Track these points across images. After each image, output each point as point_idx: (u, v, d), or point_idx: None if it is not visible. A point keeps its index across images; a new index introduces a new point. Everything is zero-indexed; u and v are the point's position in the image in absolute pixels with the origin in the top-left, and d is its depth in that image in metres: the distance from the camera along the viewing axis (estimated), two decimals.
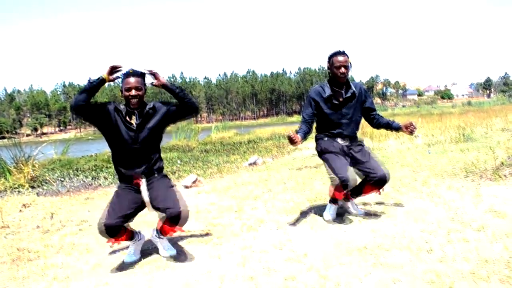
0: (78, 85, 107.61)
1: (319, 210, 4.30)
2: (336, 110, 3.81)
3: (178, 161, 11.36)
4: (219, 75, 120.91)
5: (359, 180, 3.84)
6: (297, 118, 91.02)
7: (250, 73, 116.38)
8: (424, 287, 2.44)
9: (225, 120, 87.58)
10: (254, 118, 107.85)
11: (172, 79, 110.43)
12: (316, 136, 4.00)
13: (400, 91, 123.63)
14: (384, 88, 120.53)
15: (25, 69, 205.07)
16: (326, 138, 3.88)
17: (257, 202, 5.04)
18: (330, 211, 4.00)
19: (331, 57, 3.80)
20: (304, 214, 4.27)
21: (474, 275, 2.51)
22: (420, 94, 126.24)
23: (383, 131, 11.99)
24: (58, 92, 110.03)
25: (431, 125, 13.41)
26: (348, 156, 3.83)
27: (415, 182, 5.19)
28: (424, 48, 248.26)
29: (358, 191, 3.96)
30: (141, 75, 3.27)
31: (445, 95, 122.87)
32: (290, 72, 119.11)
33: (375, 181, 3.75)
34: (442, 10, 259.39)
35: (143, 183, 3.28)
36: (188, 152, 14.48)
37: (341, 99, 3.80)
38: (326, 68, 3.89)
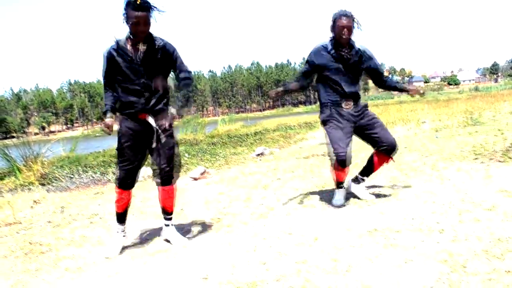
0: (84, 82, 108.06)
1: (328, 195, 4.29)
2: (338, 70, 3.75)
3: (186, 155, 11.36)
4: (224, 68, 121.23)
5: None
6: (302, 108, 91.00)
7: (255, 65, 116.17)
8: (437, 266, 2.42)
9: (231, 112, 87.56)
10: (260, 110, 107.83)
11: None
12: (321, 102, 3.94)
13: (406, 78, 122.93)
14: (390, 76, 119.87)
15: (30, 69, 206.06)
16: (331, 106, 3.83)
17: (266, 191, 5.04)
18: (338, 197, 3.99)
19: (335, 18, 3.69)
20: (313, 200, 4.27)
21: (488, 253, 2.50)
22: (426, 81, 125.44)
23: (389, 118, 12.00)
24: (64, 90, 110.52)
25: (437, 110, 13.32)
26: (354, 124, 3.80)
27: (423, 166, 5.16)
28: (429, 34, 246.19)
29: (369, 168, 3.97)
30: (149, 8, 3.08)
31: (452, 81, 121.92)
32: (295, 63, 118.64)
33: (384, 149, 3.77)
34: None
35: (150, 118, 3.26)
36: (196, 145, 14.46)
37: (343, 58, 3.74)
38: (330, 27, 3.76)
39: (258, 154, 9.24)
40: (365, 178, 4.06)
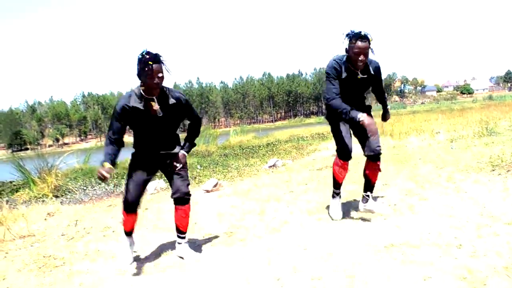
0: (97, 94, 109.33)
1: (342, 209, 4.24)
2: (348, 89, 3.70)
3: (198, 166, 11.38)
4: (235, 79, 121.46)
5: None
6: (314, 119, 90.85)
7: (266, 76, 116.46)
8: (456, 283, 2.37)
9: (243, 123, 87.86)
10: (272, 121, 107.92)
11: (188, 85, 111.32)
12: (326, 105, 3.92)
13: (419, 88, 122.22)
14: (402, 86, 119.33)
15: (45, 81, 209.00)
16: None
17: (279, 203, 5.00)
18: (335, 209, 4.01)
19: (351, 39, 3.53)
20: (327, 213, 4.21)
21: (508, 269, 2.44)
22: (439, 90, 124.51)
23: (403, 128, 11.90)
24: (78, 102, 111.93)
25: (452, 120, 13.19)
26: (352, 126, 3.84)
27: (439, 178, 5.09)
28: (441, 43, 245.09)
29: (367, 183, 3.92)
30: (162, 60, 3.12)
31: (465, 90, 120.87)
32: (306, 73, 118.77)
33: (368, 156, 3.77)
34: (458, 3, 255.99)
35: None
36: (208, 156, 14.48)
37: (355, 79, 3.68)
38: (344, 45, 3.62)
39: (271, 166, 9.19)
40: (368, 193, 3.95)
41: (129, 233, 3.60)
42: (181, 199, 3.43)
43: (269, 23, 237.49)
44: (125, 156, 3.94)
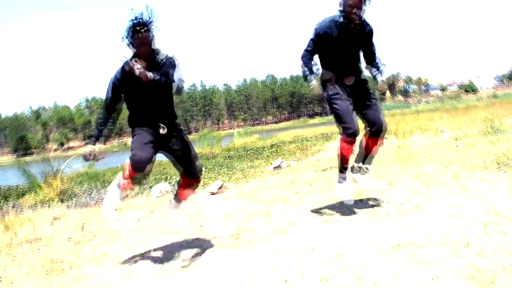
0: (101, 99, 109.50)
1: (347, 208, 4.23)
2: (344, 45, 3.69)
3: (203, 168, 11.39)
4: (239, 81, 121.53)
5: None
6: (318, 120, 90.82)
7: (270, 78, 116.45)
8: (465, 282, 2.36)
9: (247, 125, 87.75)
10: (276, 122, 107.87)
11: (192, 88, 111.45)
12: (323, 79, 3.92)
13: (423, 87, 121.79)
14: (406, 85, 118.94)
15: (49, 87, 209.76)
16: (334, 82, 3.82)
17: (285, 205, 5.00)
18: (345, 193, 4.03)
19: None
20: (333, 214, 4.21)
21: None
22: (443, 89, 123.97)
23: (407, 127, 11.87)
24: (82, 107, 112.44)
25: (456, 119, 13.15)
26: (353, 98, 3.82)
27: (444, 177, 5.07)
28: (444, 42, 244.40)
29: (368, 156, 3.96)
30: (149, 24, 3.13)
31: (469, 88, 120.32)
32: None
33: (371, 132, 3.82)
34: (461, 2, 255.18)
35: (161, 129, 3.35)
36: (212, 159, 14.50)
37: (351, 34, 3.68)
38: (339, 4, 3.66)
39: (275, 167, 9.20)
40: (367, 166, 3.99)
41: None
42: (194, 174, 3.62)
43: (272, 25, 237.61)
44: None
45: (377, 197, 4.51)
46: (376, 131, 3.82)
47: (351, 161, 4.02)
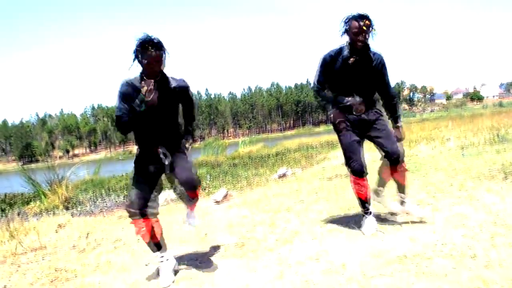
0: (106, 107, 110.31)
1: (353, 219, 4.21)
2: (351, 74, 3.55)
3: (208, 177, 11.39)
4: (244, 89, 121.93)
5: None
6: (323, 128, 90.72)
7: (275, 86, 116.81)
8: None
9: (252, 134, 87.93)
10: (281, 130, 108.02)
11: (197, 96, 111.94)
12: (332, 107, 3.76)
13: (428, 95, 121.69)
14: (411, 94, 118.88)
15: (55, 94, 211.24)
16: (343, 112, 3.67)
17: (290, 213, 4.98)
18: (366, 224, 3.78)
19: (348, 20, 3.47)
20: (338, 224, 4.18)
21: None
22: (448, 98, 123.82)
23: (413, 136, 11.84)
24: (88, 115, 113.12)
25: (462, 127, 13.10)
26: (363, 131, 3.67)
27: (451, 187, 5.03)
28: (450, 50, 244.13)
29: (398, 186, 3.83)
30: (161, 44, 3.06)
31: (475, 96, 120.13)
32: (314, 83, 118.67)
33: (391, 162, 3.64)
34: (466, 10, 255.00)
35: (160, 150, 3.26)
36: (217, 167, 14.53)
37: (356, 62, 3.52)
38: (341, 31, 3.54)
39: (280, 175, 9.19)
40: (402, 195, 3.84)
41: (156, 246, 3.39)
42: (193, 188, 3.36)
43: (276, 34, 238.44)
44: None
45: (383, 207, 4.48)
46: (392, 160, 3.63)
47: (370, 197, 3.86)
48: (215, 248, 4.05)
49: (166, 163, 3.24)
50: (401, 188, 3.83)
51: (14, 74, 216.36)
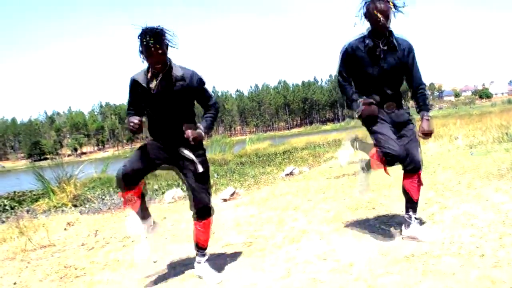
0: (114, 104, 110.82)
1: (361, 218, 4.21)
2: (377, 65, 3.22)
3: (215, 175, 11.41)
4: (251, 87, 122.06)
5: None
6: (331, 126, 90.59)
7: (282, 84, 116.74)
8: None
9: (259, 131, 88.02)
10: (288, 128, 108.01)
11: None
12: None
13: (436, 93, 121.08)
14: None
15: (63, 92, 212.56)
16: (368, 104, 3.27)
17: (297, 212, 4.98)
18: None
19: (367, 3, 3.16)
20: (346, 223, 4.18)
21: None
22: (457, 95, 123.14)
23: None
24: (96, 113, 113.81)
25: (471, 126, 13.02)
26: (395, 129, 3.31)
27: (459, 185, 5.01)
28: (458, 47, 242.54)
29: (408, 200, 3.43)
30: (161, 34, 2.91)
31: (484, 94, 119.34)
32: (322, 80, 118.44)
33: (407, 169, 3.32)
34: (475, 7, 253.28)
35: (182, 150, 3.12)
36: (224, 165, 14.53)
37: (381, 51, 3.20)
38: (360, 17, 3.24)
39: (288, 174, 9.18)
40: (411, 214, 3.41)
41: (141, 216, 3.30)
42: (202, 212, 3.16)
43: (284, 31, 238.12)
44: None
45: (391, 206, 4.47)
46: (410, 169, 3.31)
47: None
48: (222, 247, 4.07)
49: (200, 170, 3.11)
50: (410, 204, 3.44)
51: (23, 72, 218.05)
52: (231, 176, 10.75)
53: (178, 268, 3.63)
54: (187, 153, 3.10)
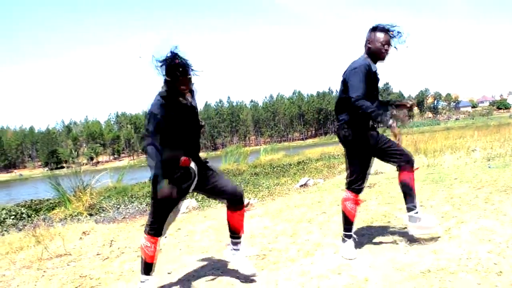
0: (130, 114, 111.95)
1: (376, 232, 4.17)
2: (375, 87, 3.58)
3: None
4: (265, 97, 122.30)
5: None
6: None
7: (296, 94, 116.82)
8: None
9: (273, 142, 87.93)
10: (302, 139, 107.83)
11: (219, 104, 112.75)
12: (352, 122, 3.60)
13: (452, 103, 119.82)
14: (435, 102, 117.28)
15: (80, 102, 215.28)
16: (371, 130, 3.58)
17: (312, 225, 4.96)
18: (347, 250, 3.61)
19: (375, 30, 3.49)
20: (360, 236, 4.14)
21: None
22: (474, 106, 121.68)
23: (436, 146, 11.66)
24: (112, 122, 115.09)
25: (488, 137, 12.85)
26: (379, 144, 3.57)
27: (476, 199, 4.94)
28: (476, 57, 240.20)
29: (408, 193, 3.60)
30: (188, 67, 3.01)
31: (501, 105, 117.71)
32: (336, 91, 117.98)
33: (404, 164, 3.55)
34: (492, 17, 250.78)
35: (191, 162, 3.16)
36: (239, 175, 14.54)
37: (375, 77, 3.57)
38: (367, 40, 3.55)
39: (302, 185, 9.15)
40: (410, 205, 3.60)
41: (150, 268, 3.28)
42: (241, 200, 3.41)
43: (299, 41, 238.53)
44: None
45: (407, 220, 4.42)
46: (408, 162, 3.56)
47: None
48: None
49: (194, 181, 3.21)
50: (409, 194, 3.60)
51: (42, 81, 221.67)
52: (245, 187, 10.75)
53: (193, 279, 3.63)
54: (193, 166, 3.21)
